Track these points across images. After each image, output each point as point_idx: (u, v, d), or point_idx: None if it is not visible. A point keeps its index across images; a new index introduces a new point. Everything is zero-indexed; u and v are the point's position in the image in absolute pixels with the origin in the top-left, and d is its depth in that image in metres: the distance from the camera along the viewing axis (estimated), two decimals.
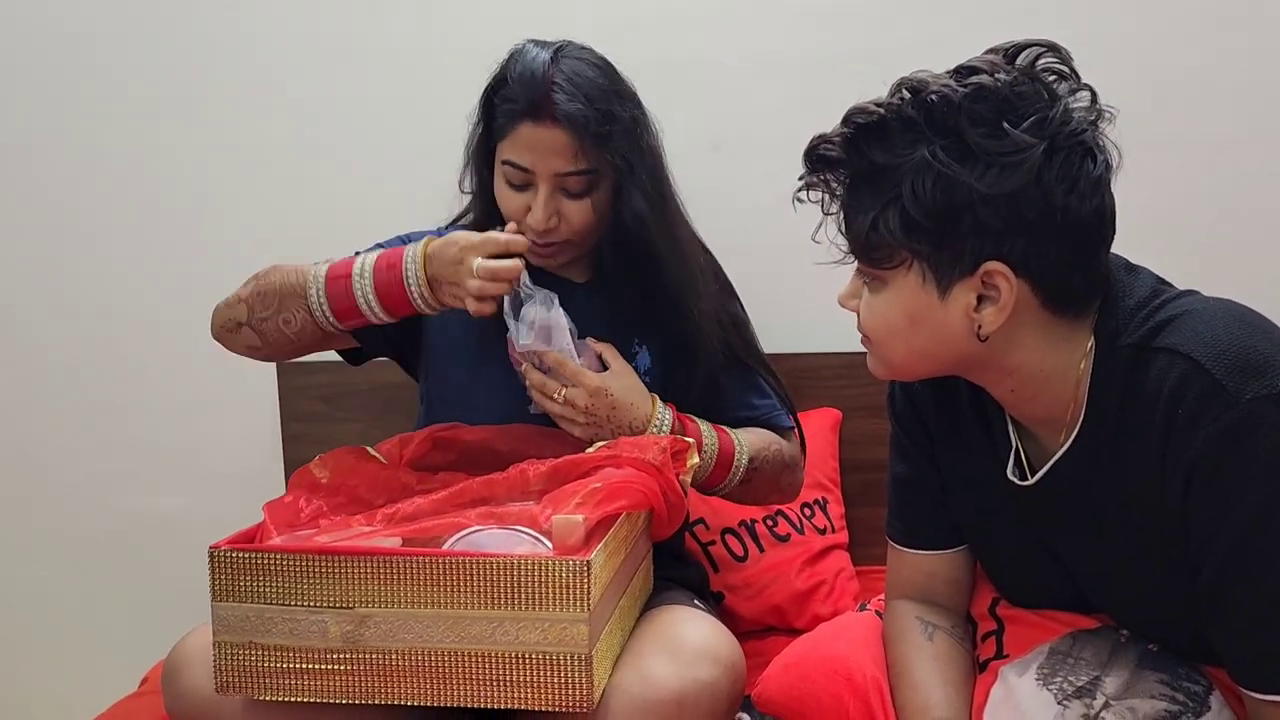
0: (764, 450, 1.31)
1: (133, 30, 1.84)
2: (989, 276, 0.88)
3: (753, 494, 1.34)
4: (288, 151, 1.84)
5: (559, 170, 1.21)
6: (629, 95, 1.26)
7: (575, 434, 1.21)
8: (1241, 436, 0.83)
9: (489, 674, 0.98)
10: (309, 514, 1.11)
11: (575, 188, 1.23)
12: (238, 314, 1.28)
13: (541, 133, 1.19)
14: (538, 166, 1.21)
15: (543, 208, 1.22)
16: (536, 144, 1.20)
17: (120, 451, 1.92)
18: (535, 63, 1.21)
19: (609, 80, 1.23)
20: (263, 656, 1.00)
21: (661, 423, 1.23)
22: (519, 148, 1.21)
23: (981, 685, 1.03)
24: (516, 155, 1.22)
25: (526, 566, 0.96)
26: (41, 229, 1.90)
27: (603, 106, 1.20)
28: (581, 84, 1.20)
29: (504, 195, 1.25)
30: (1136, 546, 0.94)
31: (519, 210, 1.24)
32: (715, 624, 1.15)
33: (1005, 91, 0.85)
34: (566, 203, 1.23)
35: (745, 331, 1.38)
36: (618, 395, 1.21)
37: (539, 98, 1.19)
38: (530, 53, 1.23)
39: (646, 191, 1.24)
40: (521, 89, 1.20)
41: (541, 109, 1.18)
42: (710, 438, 1.27)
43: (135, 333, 1.90)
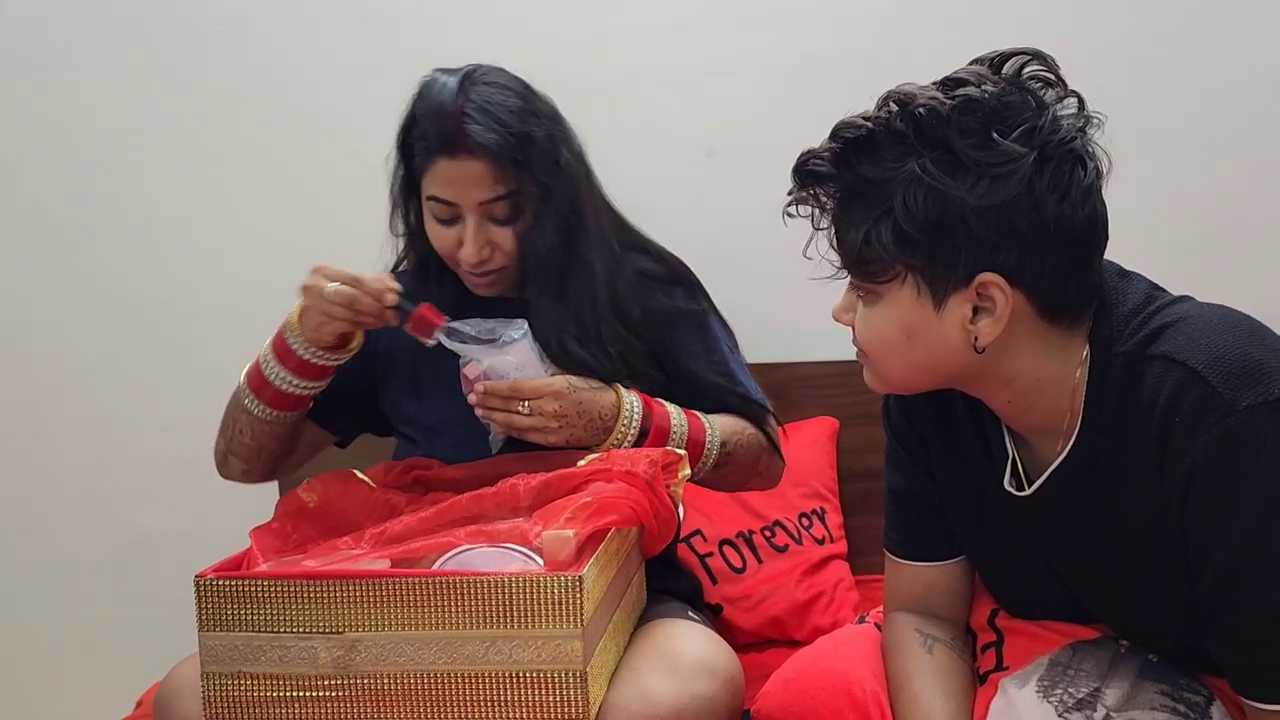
0: (738, 434, 1.29)
1: (140, 51, 1.84)
2: (983, 288, 0.87)
3: (731, 479, 1.31)
4: (291, 167, 1.84)
5: (482, 199, 1.20)
6: (545, 112, 1.24)
7: (551, 441, 1.20)
8: (1238, 444, 0.83)
9: (483, 694, 0.97)
10: (296, 539, 1.09)
11: (501, 214, 1.22)
12: (219, 445, 1.33)
13: (459, 166, 1.19)
14: (461, 199, 1.21)
15: (473, 240, 1.22)
16: (455, 177, 1.20)
17: (119, 468, 1.91)
18: (443, 95, 1.20)
19: (522, 100, 1.22)
20: (253, 686, 0.98)
21: (631, 407, 1.22)
22: (439, 182, 1.21)
23: (982, 698, 1.03)
24: (439, 190, 1.21)
25: (518, 584, 0.95)
26: (43, 244, 1.90)
27: (517, 129, 1.19)
28: (492, 109, 1.19)
29: (434, 232, 1.25)
30: (1135, 555, 0.93)
31: (451, 245, 1.24)
32: (713, 637, 1.14)
33: (993, 102, 0.85)
34: (496, 230, 1.23)
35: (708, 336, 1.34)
36: (580, 388, 1.20)
37: (451, 130, 1.18)
38: (437, 84, 1.22)
39: (559, 216, 1.22)
40: (432, 125, 1.19)
41: (455, 142, 1.18)
42: (679, 421, 1.25)
43: (135, 350, 1.89)
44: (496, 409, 1.19)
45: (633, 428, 1.22)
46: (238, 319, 1.85)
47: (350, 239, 1.79)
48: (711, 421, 1.28)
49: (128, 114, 1.85)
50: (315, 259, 1.69)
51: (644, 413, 1.23)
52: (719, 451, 1.27)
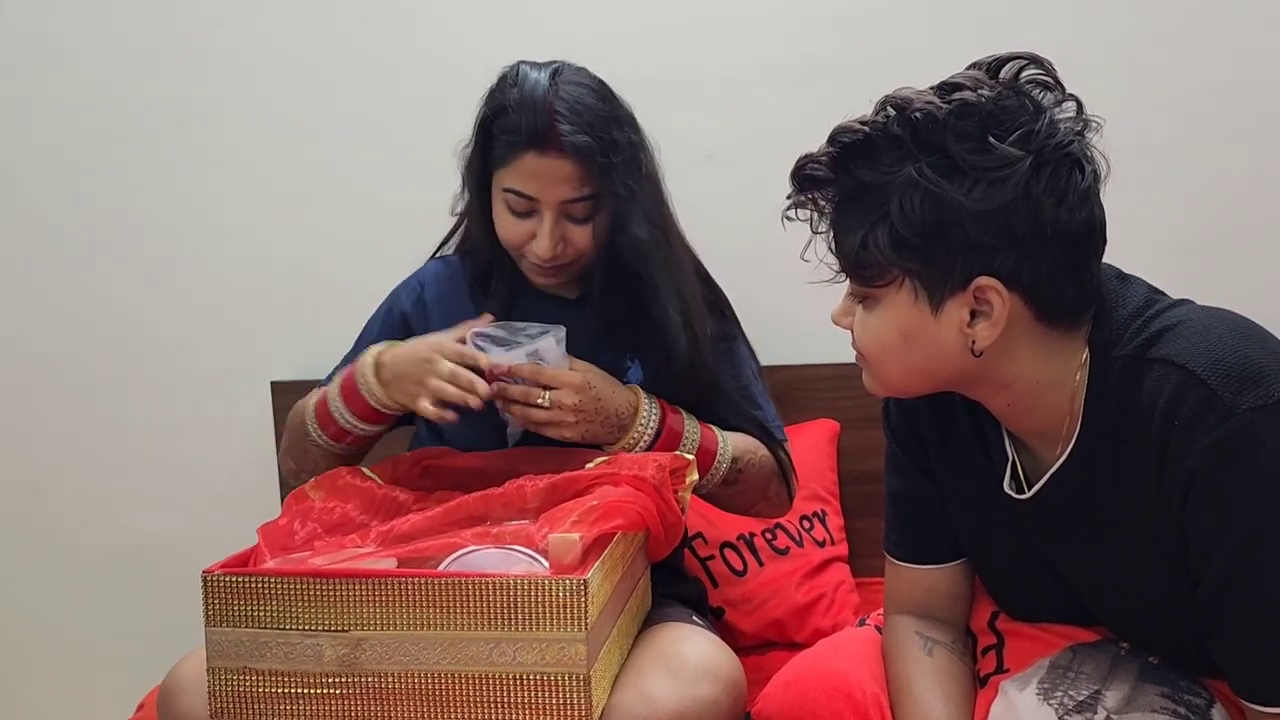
0: (751, 453, 1.30)
1: (134, 51, 1.84)
2: (981, 292, 0.87)
3: (740, 498, 1.32)
4: (287, 168, 1.84)
5: (564, 198, 1.21)
6: (627, 119, 1.25)
7: (566, 435, 1.20)
8: (1238, 447, 0.83)
9: (486, 695, 0.97)
10: (303, 536, 1.10)
11: (579, 214, 1.23)
12: (287, 464, 1.36)
13: (546, 162, 1.19)
14: (543, 195, 1.21)
15: (549, 236, 1.22)
16: (541, 173, 1.20)
17: (117, 471, 1.91)
18: (535, 90, 1.19)
19: (608, 105, 1.23)
20: (257, 682, 0.99)
21: (649, 410, 1.23)
22: (523, 177, 1.21)
23: (982, 701, 1.03)
24: (521, 184, 1.21)
25: (523, 586, 0.96)
26: (39, 248, 1.90)
27: (605, 134, 1.20)
28: (583, 111, 1.19)
29: (505, 222, 1.25)
30: (1135, 558, 0.93)
31: (521, 236, 1.24)
32: (715, 641, 1.15)
33: (989, 106, 0.85)
34: (570, 228, 1.24)
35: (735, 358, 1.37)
36: (600, 385, 1.21)
37: (542, 127, 1.18)
38: (529, 78, 1.21)
39: (646, 219, 1.24)
40: (523, 118, 1.19)
41: (546, 139, 1.18)
42: (692, 428, 1.26)
43: (133, 352, 1.89)
44: (515, 400, 1.20)
45: (649, 429, 1.23)
46: (239, 321, 1.87)
47: (348, 239, 1.82)
48: (725, 436, 1.29)
49: (126, 115, 1.85)
50: (313, 260, 1.71)
51: (660, 416, 1.24)
52: (729, 466, 1.27)
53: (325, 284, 1.82)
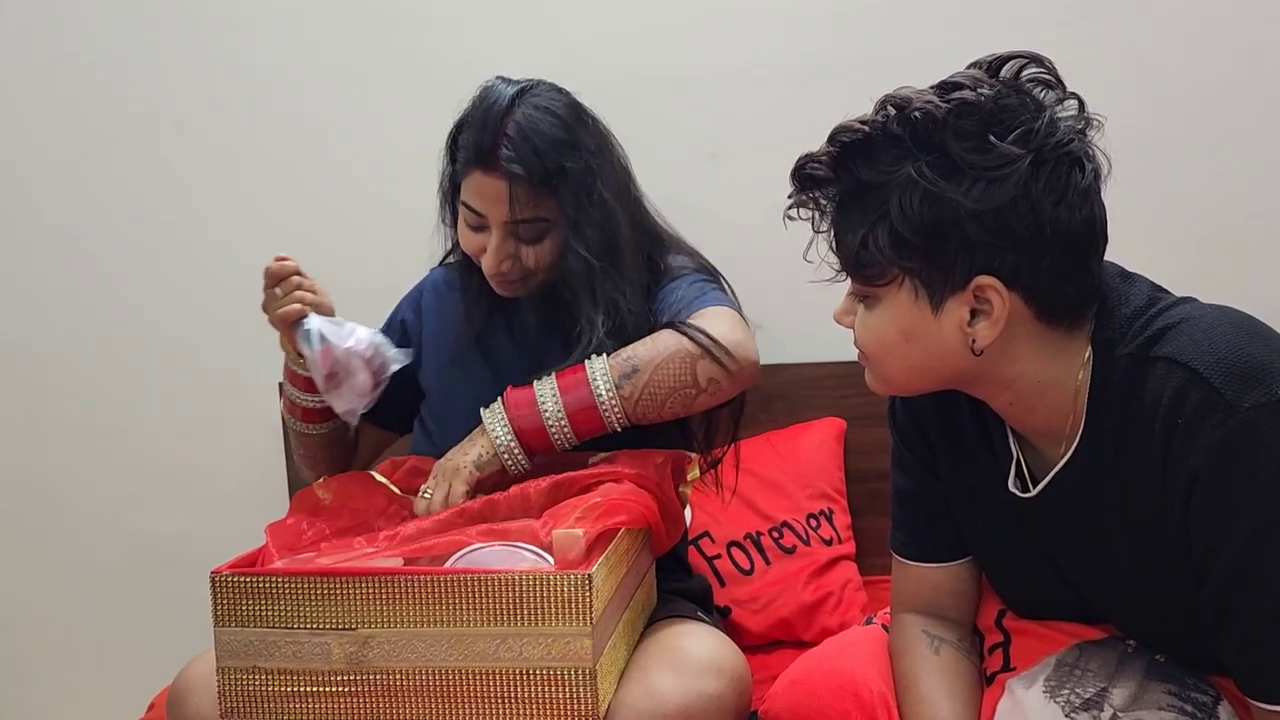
0: (643, 353, 1.17)
1: (136, 52, 1.86)
2: (980, 291, 0.88)
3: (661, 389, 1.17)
4: (295, 170, 1.86)
5: (507, 219, 1.22)
6: (587, 144, 1.23)
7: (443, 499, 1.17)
8: (1241, 445, 0.82)
9: (493, 691, 0.98)
10: (310, 536, 1.11)
11: (526, 235, 1.24)
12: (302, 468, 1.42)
13: (489, 181, 1.21)
14: (488, 212, 1.23)
15: (494, 253, 1.24)
16: (485, 192, 1.22)
17: (125, 474, 1.93)
18: (492, 109, 1.21)
19: (565, 130, 1.21)
20: (267, 680, 1.00)
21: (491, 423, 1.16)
22: (471, 193, 1.23)
23: (989, 699, 1.03)
24: (470, 199, 1.24)
25: (528, 582, 0.97)
26: (45, 251, 1.92)
27: (551, 159, 1.19)
28: (532, 135, 1.19)
29: (463, 233, 1.28)
30: (1140, 556, 0.93)
31: (475, 248, 1.27)
32: (720, 637, 1.15)
33: (989, 105, 0.86)
34: (521, 246, 1.25)
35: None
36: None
37: (488, 147, 1.20)
38: (492, 95, 1.23)
39: (590, 246, 1.22)
40: (474, 135, 1.21)
41: (489, 158, 1.20)
42: (548, 400, 1.15)
43: (139, 355, 1.91)
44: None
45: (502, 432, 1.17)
46: (246, 324, 1.86)
47: (354, 241, 1.83)
48: (594, 368, 1.17)
49: (131, 118, 1.87)
50: (319, 263, 1.71)
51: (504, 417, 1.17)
52: (612, 378, 1.16)
53: (332, 286, 1.82)
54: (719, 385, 1.18)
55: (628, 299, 1.24)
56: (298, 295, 1.23)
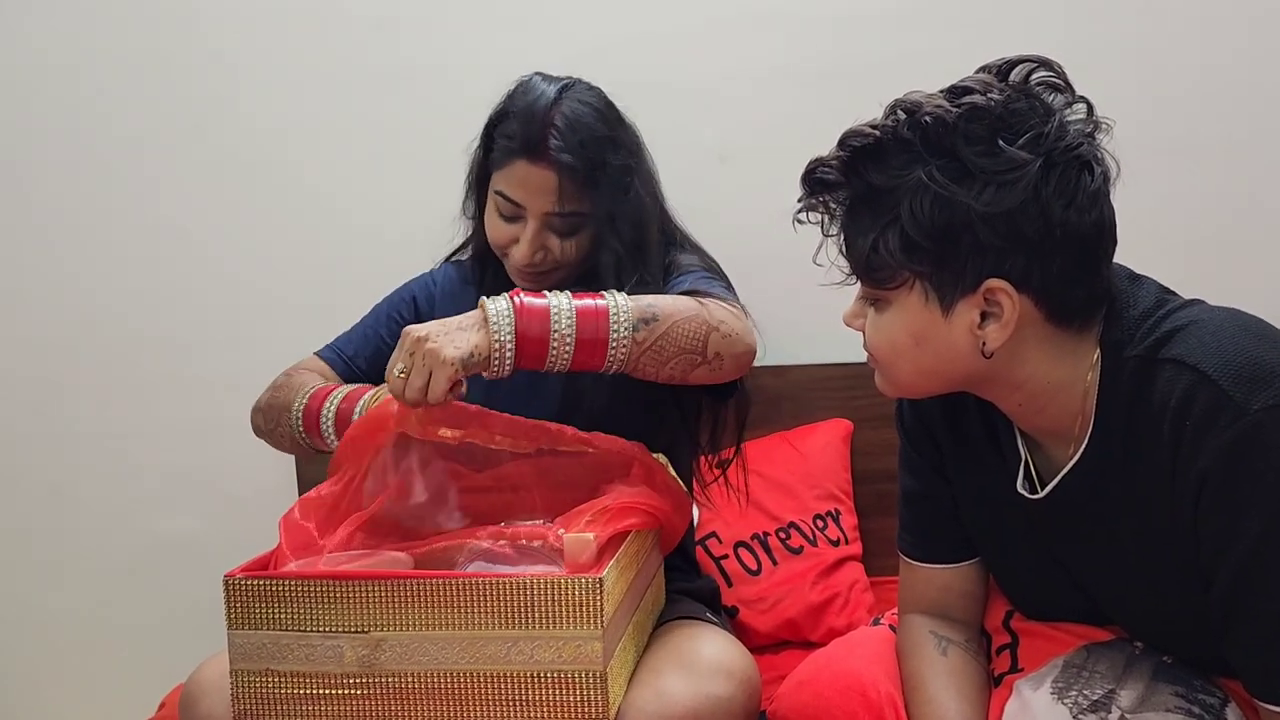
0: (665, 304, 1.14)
1: (142, 58, 1.86)
2: (991, 294, 0.88)
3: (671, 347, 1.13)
4: (301, 173, 1.86)
5: (548, 210, 1.22)
6: (626, 143, 1.26)
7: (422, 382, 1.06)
8: (1250, 447, 0.83)
9: (505, 694, 0.98)
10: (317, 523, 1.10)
11: (562, 227, 1.24)
12: (258, 422, 1.35)
13: (535, 171, 1.21)
14: (529, 203, 1.23)
15: (528, 244, 1.24)
16: (528, 181, 1.22)
17: (136, 476, 1.93)
18: (539, 101, 1.22)
19: (608, 126, 1.24)
20: (280, 683, 1.00)
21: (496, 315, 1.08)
22: (512, 182, 1.23)
23: (996, 700, 1.03)
24: (509, 189, 1.23)
25: (540, 585, 0.97)
26: (54, 253, 1.92)
27: (595, 154, 1.21)
28: (579, 129, 1.20)
29: (493, 224, 1.27)
30: (1148, 558, 0.93)
31: (505, 239, 1.26)
32: (730, 639, 1.15)
33: (999, 109, 0.86)
34: (552, 238, 1.25)
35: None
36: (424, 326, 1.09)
37: (536, 137, 1.20)
38: (536, 89, 1.24)
39: (623, 241, 1.23)
40: (520, 125, 1.22)
41: (537, 148, 1.20)
42: (561, 309, 1.09)
43: (150, 356, 1.91)
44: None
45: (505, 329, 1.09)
46: (256, 325, 1.88)
47: (361, 247, 1.84)
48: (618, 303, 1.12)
49: (134, 124, 1.87)
50: (327, 267, 1.72)
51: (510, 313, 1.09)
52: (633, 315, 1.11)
53: (339, 286, 1.83)
54: (721, 363, 1.16)
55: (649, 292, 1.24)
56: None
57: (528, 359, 1.09)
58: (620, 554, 1.03)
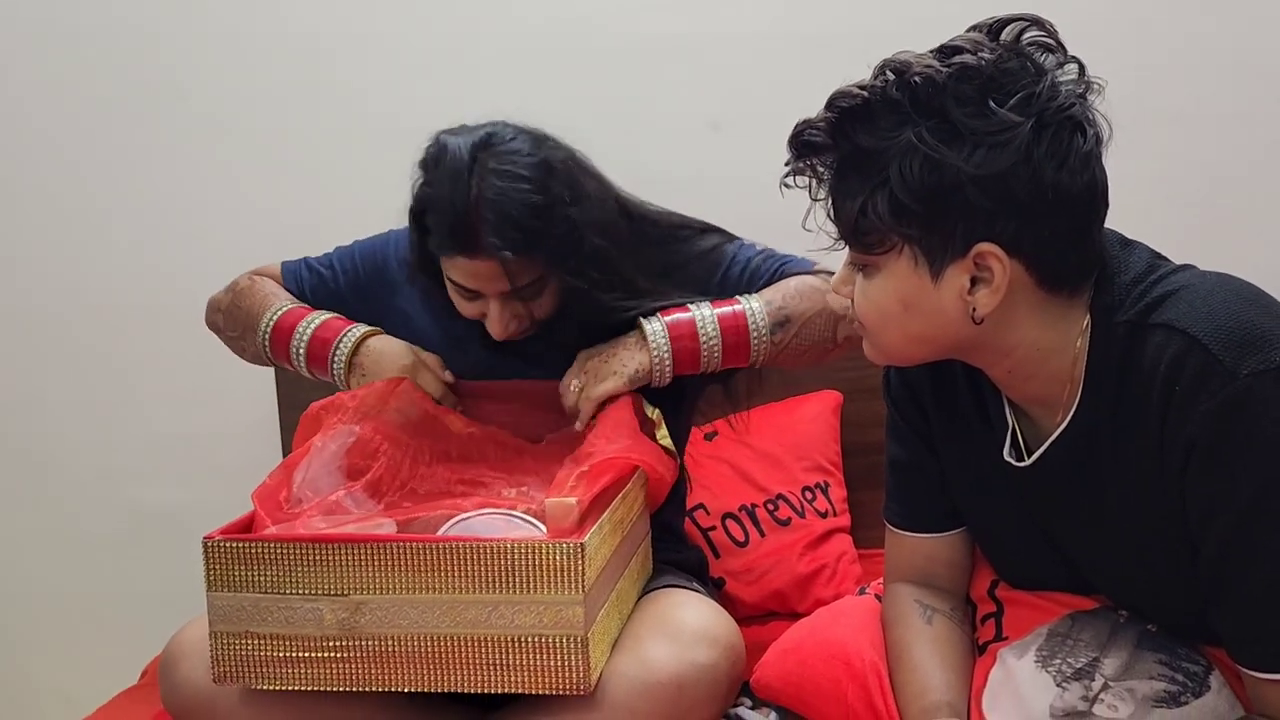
0: (793, 300, 1.23)
1: (133, 23, 1.84)
2: (981, 258, 0.87)
3: (811, 348, 1.25)
4: (286, 142, 1.84)
5: (503, 290, 1.18)
6: (562, 197, 1.16)
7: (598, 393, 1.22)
8: (1239, 413, 0.82)
9: (485, 658, 0.98)
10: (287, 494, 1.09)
11: (528, 294, 1.20)
12: (216, 321, 1.40)
13: (476, 264, 1.16)
14: (483, 289, 1.19)
15: (499, 322, 1.20)
16: (476, 273, 1.17)
17: (121, 445, 1.92)
18: (457, 190, 1.13)
19: (539, 192, 1.14)
20: (259, 646, 1.00)
21: (654, 335, 1.21)
22: (460, 274, 1.19)
23: (981, 668, 1.03)
24: (459, 278, 1.19)
25: (521, 550, 0.97)
26: (40, 223, 1.90)
27: (533, 231, 1.13)
28: (508, 214, 1.12)
29: (458, 302, 1.23)
30: (1135, 527, 0.93)
31: (474, 313, 1.23)
32: (714, 607, 1.15)
33: (990, 69, 0.84)
34: (520, 306, 1.21)
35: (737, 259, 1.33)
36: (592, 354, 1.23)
37: (466, 235, 1.13)
38: (450, 168, 1.14)
39: (591, 283, 1.20)
40: (447, 222, 1.14)
41: (471, 246, 1.14)
42: (707, 323, 1.20)
43: (134, 326, 1.90)
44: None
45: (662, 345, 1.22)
46: None
47: (345, 213, 1.81)
48: (753, 306, 1.23)
49: (118, 91, 1.84)
50: (311, 231, 1.69)
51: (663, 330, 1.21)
52: (769, 334, 1.22)
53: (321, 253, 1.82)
54: (851, 343, 1.21)
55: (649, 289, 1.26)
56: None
57: (683, 367, 1.22)
58: (604, 519, 1.03)
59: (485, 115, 1.25)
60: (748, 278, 1.30)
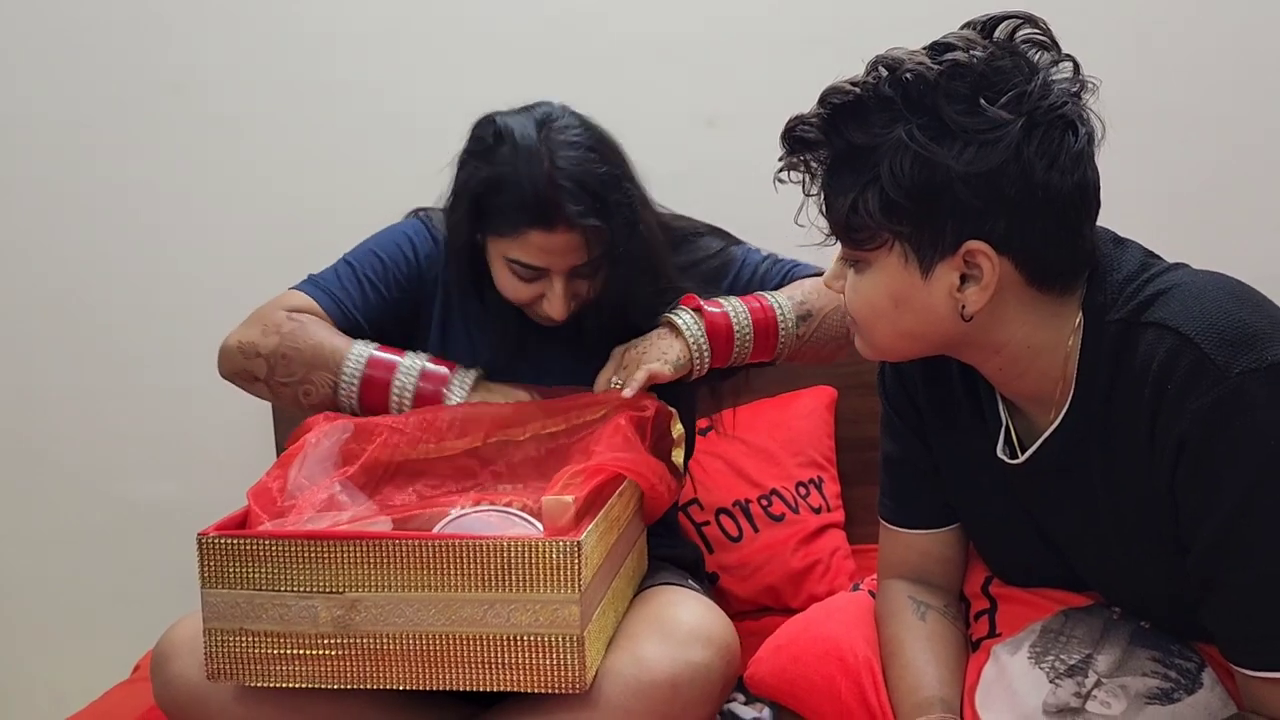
0: (802, 289, 1.28)
1: (128, 18, 1.83)
2: (970, 256, 0.87)
3: (826, 332, 1.29)
4: (280, 136, 1.83)
5: (574, 264, 1.20)
6: (623, 172, 1.21)
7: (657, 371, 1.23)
8: (1230, 412, 0.82)
9: (481, 656, 0.98)
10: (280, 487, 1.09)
11: (588, 272, 1.22)
12: (255, 368, 1.25)
13: (555, 238, 1.17)
14: (553, 265, 1.20)
15: (561, 300, 1.21)
16: (550, 247, 1.18)
17: (113, 440, 1.92)
18: (534, 164, 1.15)
19: (606, 163, 1.19)
20: (253, 643, 1.00)
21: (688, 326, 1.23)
22: (529, 251, 1.19)
23: (974, 664, 1.03)
24: (527, 257, 1.19)
25: (517, 548, 0.97)
26: (35, 216, 1.89)
27: (608, 201, 1.17)
28: (588, 182, 1.16)
29: (510, 285, 1.23)
30: (1127, 524, 0.93)
31: (529, 297, 1.23)
32: (709, 605, 1.15)
33: (981, 67, 0.84)
34: (582, 284, 1.23)
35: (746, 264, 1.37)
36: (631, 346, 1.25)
37: (548, 207, 1.15)
38: (522, 147, 1.16)
39: (639, 265, 1.23)
40: (526, 198, 1.15)
41: (553, 218, 1.15)
42: (739, 313, 1.24)
43: (126, 320, 1.89)
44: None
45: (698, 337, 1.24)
46: (235, 287, 1.85)
47: (341, 209, 1.81)
48: (780, 302, 1.27)
49: (109, 86, 1.83)
50: (304, 227, 1.70)
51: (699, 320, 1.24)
52: (795, 328, 1.26)
53: (321, 248, 1.81)
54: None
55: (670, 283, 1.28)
56: None
57: (717, 359, 1.24)
58: (601, 518, 1.03)
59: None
60: (758, 281, 1.33)
